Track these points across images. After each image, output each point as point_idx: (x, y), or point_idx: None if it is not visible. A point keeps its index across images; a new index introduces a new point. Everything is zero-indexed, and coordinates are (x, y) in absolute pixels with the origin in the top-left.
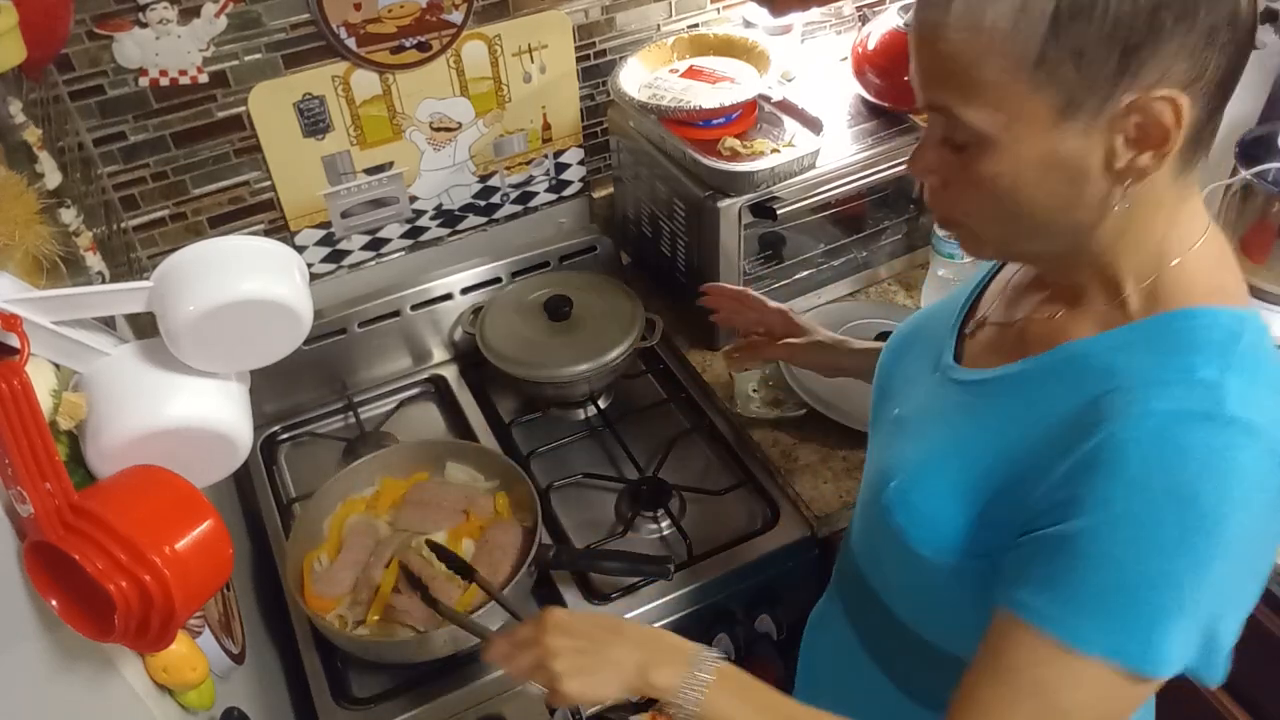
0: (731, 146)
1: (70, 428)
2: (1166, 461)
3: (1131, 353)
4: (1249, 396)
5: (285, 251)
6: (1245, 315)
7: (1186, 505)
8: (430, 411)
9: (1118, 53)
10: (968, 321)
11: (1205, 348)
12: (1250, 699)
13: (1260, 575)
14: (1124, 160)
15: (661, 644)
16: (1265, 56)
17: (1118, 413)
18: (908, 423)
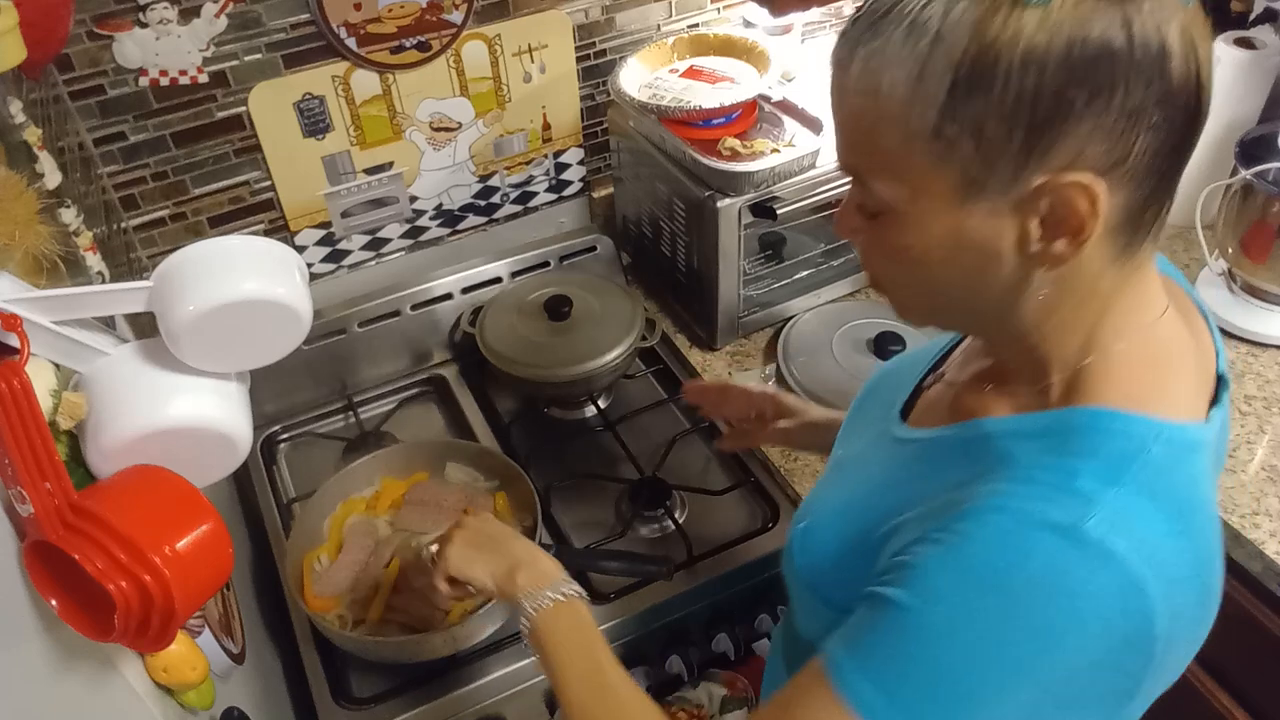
0: (731, 146)
1: (70, 428)
2: (1003, 563)
3: (1029, 444)
4: (1122, 520)
5: (285, 251)
6: (1165, 429)
7: (1006, 616)
8: (430, 411)
9: (1022, 131)
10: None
11: (1100, 456)
12: (1250, 699)
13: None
14: (1037, 245)
15: (538, 562)
16: (1265, 56)
17: (980, 500)
18: (841, 467)
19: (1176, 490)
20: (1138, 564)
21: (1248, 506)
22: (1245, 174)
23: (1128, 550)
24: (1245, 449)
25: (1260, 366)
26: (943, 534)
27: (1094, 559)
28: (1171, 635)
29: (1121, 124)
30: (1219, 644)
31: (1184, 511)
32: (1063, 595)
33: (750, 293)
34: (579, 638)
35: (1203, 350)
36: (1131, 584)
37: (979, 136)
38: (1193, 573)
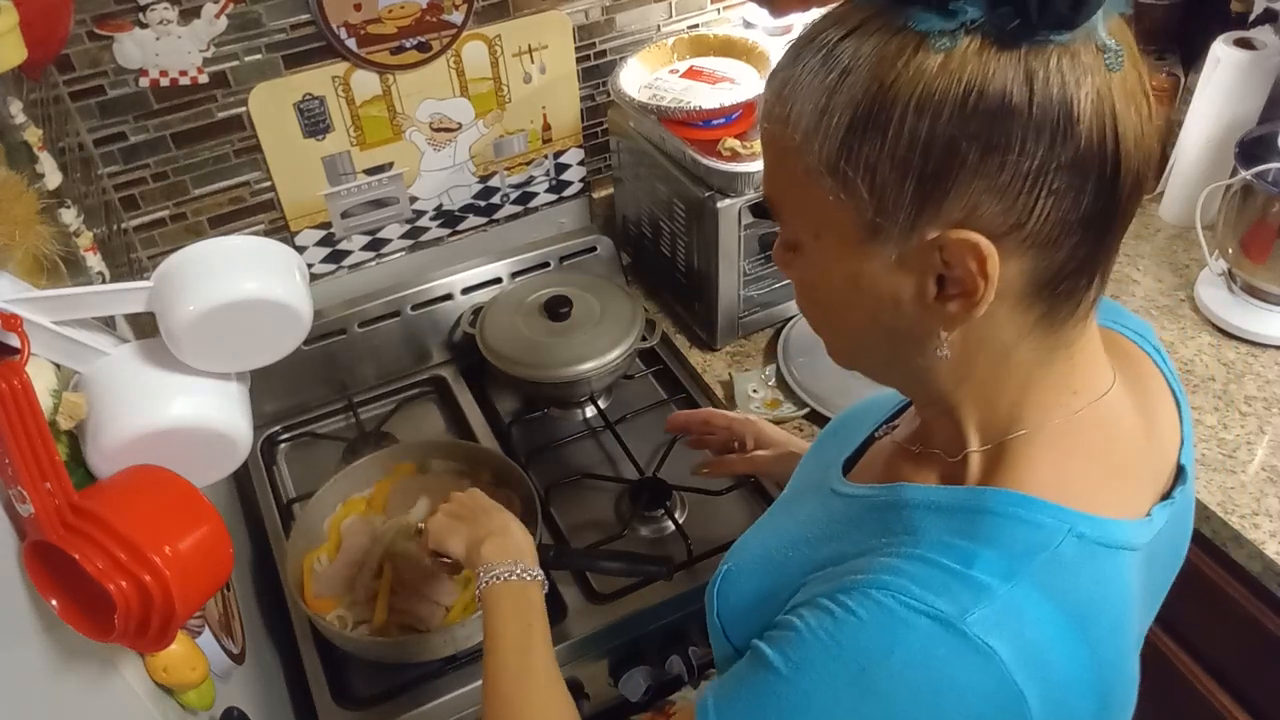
0: (731, 147)
1: (70, 428)
2: (873, 644)
3: (937, 520)
4: (1010, 618)
5: (285, 251)
6: (1082, 523)
7: (869, 697)
8: (430, 411)
9: (914, 179)
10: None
11: (1002, 545)
12: (1250, 699)
13: None
14: (931, 301)
15: (508, 536)
16: (1265, 56)
17: (871, 576)
18: (776, 511)
19: (1081, 592)
20: (1018, 667)
21: (1248, 506)
22: (1245, 174)
23: (1009, 653)
24: (1245, 449)
25: (1260, 366)
26: (829, 604)
27: (969, 655)
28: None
29: (1019, 185)
30: (1219, 644)
31: (1086, 615)
32: (928, 689)
33: (750, 293)
34: (518, 611)
35: (1159, 437)
36: (1006, 688)
37: (873, 180)
38: (1089, 680)
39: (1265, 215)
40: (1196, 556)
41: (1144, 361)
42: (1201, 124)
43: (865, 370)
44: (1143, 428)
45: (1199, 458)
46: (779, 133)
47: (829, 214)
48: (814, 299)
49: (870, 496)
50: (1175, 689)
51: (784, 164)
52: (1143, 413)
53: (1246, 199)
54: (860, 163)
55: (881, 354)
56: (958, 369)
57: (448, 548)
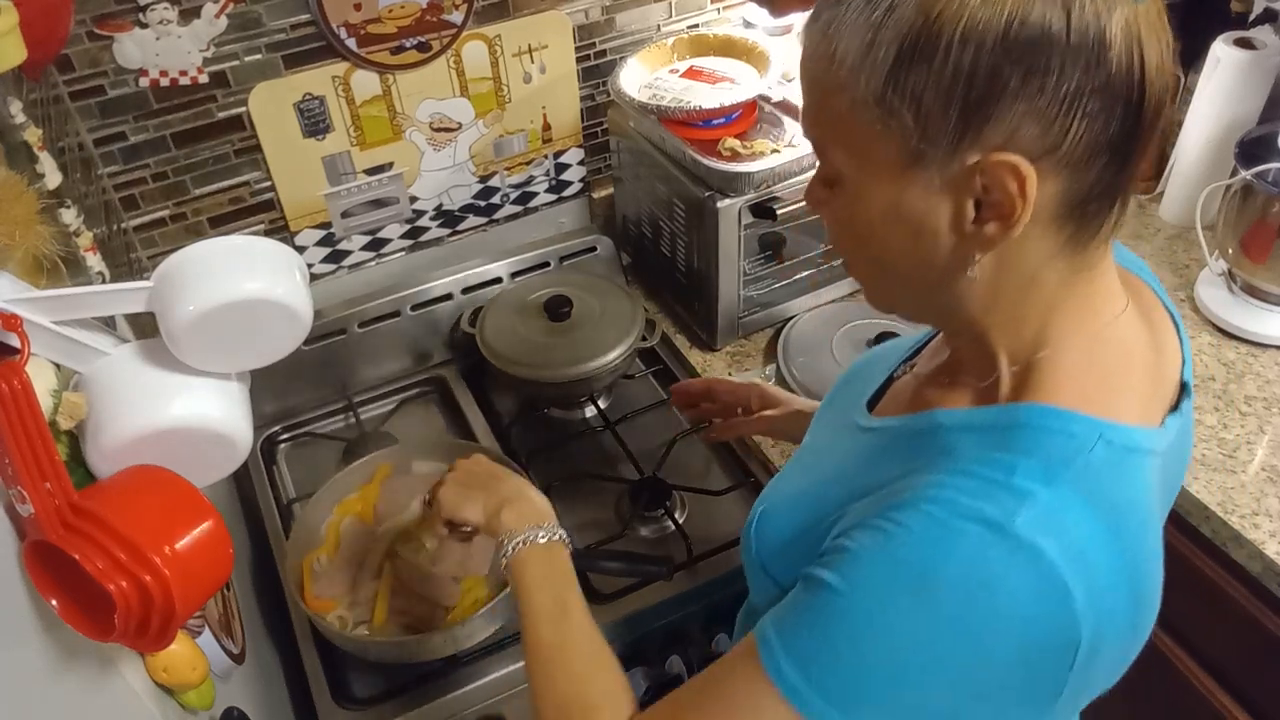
0: (731, 147)
1: (70, 428)
2: (928, 554)
3: (973, 438)
4: (1053, 520)
5: (285, 251)
6: (1109, 431)
7: (928, 606)
8: (430, 411)
9: (958, 106)
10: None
11: (1039, 454)
12: (1250, 699)
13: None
14: (970, 226)
15: (527, 500)
16: (1265, 56)
17: (918, 491)
18: (805, 454)
19: (1114, 494)
20: (1064, 566)
21: (1248, 506)
22: (1245, 174)
23: (1056, 551)
24: (1245, 449)
25: (1260, 366)
26: (879, 521)
27: (1020, 556)
28: (1098, 640)
29: (1055, 109)
30: (1219, 644)
31: (1119, 516)
32: (984, 591)
33: (750, 293)
34: (549, 578)
35: (1165, 356)
36: (1056, 585)
37: (918, 108)
38: (1124, 579)
39: (1265, 215)
40: (1196, 556)
41: (1144, 289)
42: (1201, 124)
43: (902, 308)
44: (1152, 345)
45: (1199, 458)
46: (823, 70)
47: (872, 144)
48: (853, 233)
49: (900, 426)
50: (1175, 689)
51: (828, 100)
52: (1150, 331)
53: (1246, 199)
54: (906, 93)
55: (918, 286)
56: (989, 293)
57: (464, 516)
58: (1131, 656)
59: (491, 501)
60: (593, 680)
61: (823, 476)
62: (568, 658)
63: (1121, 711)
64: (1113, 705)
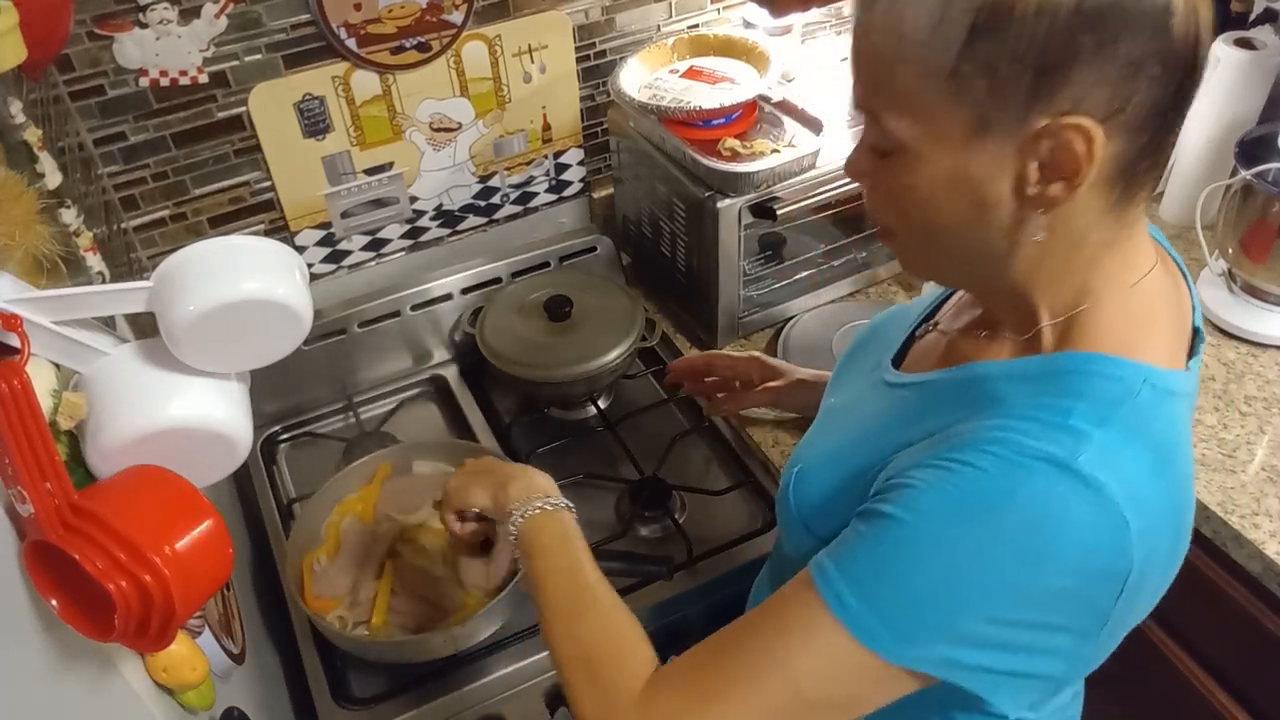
0: (731, 147)
1: (70, 428)
2: (997, 491)
3: (1023, 386)
4: (1112, 458)
5: (285, 251)
6: (1153, 374)
7: (996, 538)
8: (430, 411)
9: (1031, 74)
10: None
11: (1089, 397)
12: (1250, 699)
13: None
14: (1034, 187)
15: (530, 477)
16: (1265, 56)
17: (981, 434)
18: (833, 413)
19: (1159, 433)
20: (1123, 499)
21: (1248, 506)
22: (1245, 174)
23: (1116, 486)
24: (1245, 449)
25: (1260, 366)
26: (942, 461)
27: (1085, 492)
28: (1144, 571)
29: (1123, 73)
30: (1219, 644)
31: (1165, 453)
32: (1050, 523)
33: (750, 293)
34: (560, 539)
35: (1183, 305)
36: (1115, 519)
37: (992, 78)
38: (1169, 513)
39: (1265, 215)
40: (1196, 556)
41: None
42: (1201, 124)
43: (943, 274)
44: (1174, 296)
45: (1199, 458)
46: (889, 44)
47: (939, 114)
48: (907, 201)
49: (938, 380)
50: (1175, 689)
51: (892, 73)
52: (1173, 282)
53: (1246, 199)
54: (979, 64)
55: (966, 249)
56: (1037, 254)
57: (471, 501)
58: (1164, 589)
59: (496, 482)
60: (615, 629)
61: (858, 432)
62: (585, 612)
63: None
64: (1113, 705)
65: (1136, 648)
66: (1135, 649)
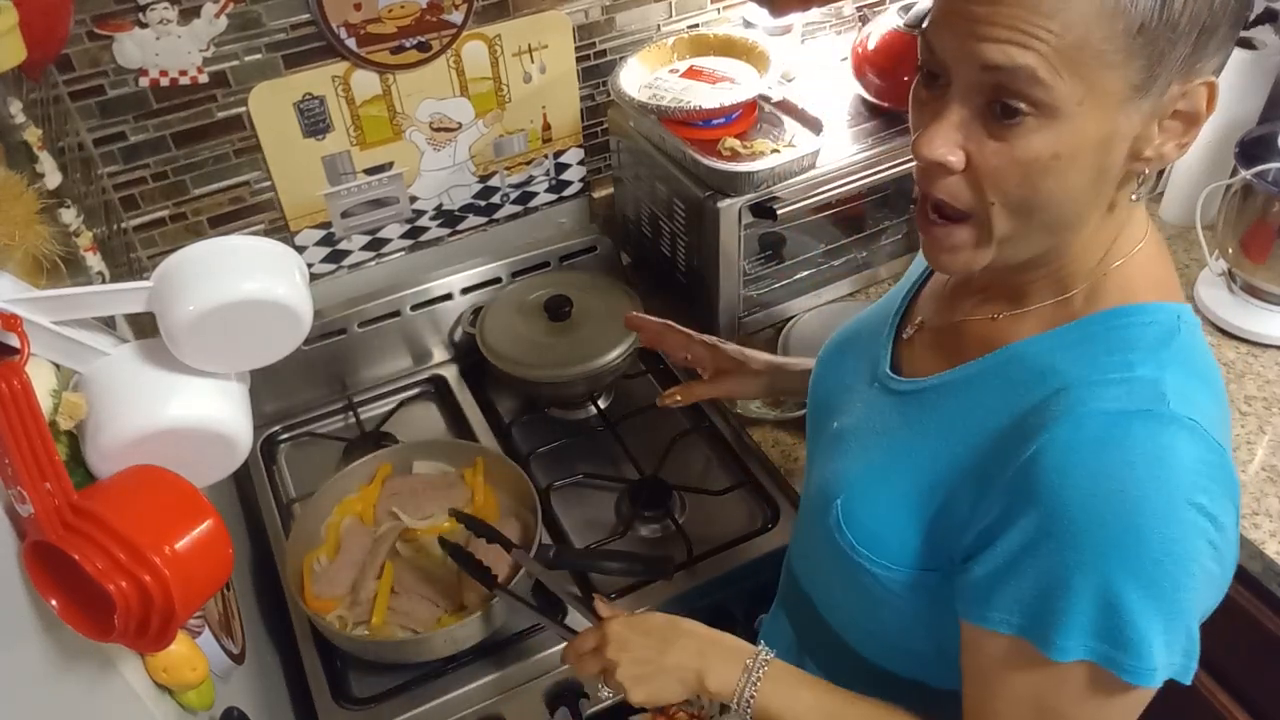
0: (731, 147)
1: (70, 428)
2: (1111, 465)
3: (1071, 351)
4: (1186, 393)
5: (285, 251)
6: (1181, 310)
7: (1135, 508)
8: (430, 411)
9: (1196, 34)
10: (904, 327)
11: (1141, 345)
12: (1250, 699)
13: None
14: (1153, 148)
15: (718, 648)
16: (1265, 56)
17: (1060, 415)
18: (847, 436)
19: (1204, 361)
20: (1211, 427)
21: (1248, 506)
22: (1245, 174)
23: (1202, 417)
24: (1245, 449)
25: (1260, 366)
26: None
27: (1184, 432)
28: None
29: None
30: (1219, 644)
31: (1213, 379)
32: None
33: (750, 293)
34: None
35: None
36: (1212, 447)
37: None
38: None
39: (1265, 215)
40: None
41: None
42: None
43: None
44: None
45: None
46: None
47: (1106, 73)
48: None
49: (974, 372)
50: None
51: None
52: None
53: (1246, 199)
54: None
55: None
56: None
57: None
58: None
59: (686, 676)
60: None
61: (892, 449)
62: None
63: None
64: None
65: None
66: None
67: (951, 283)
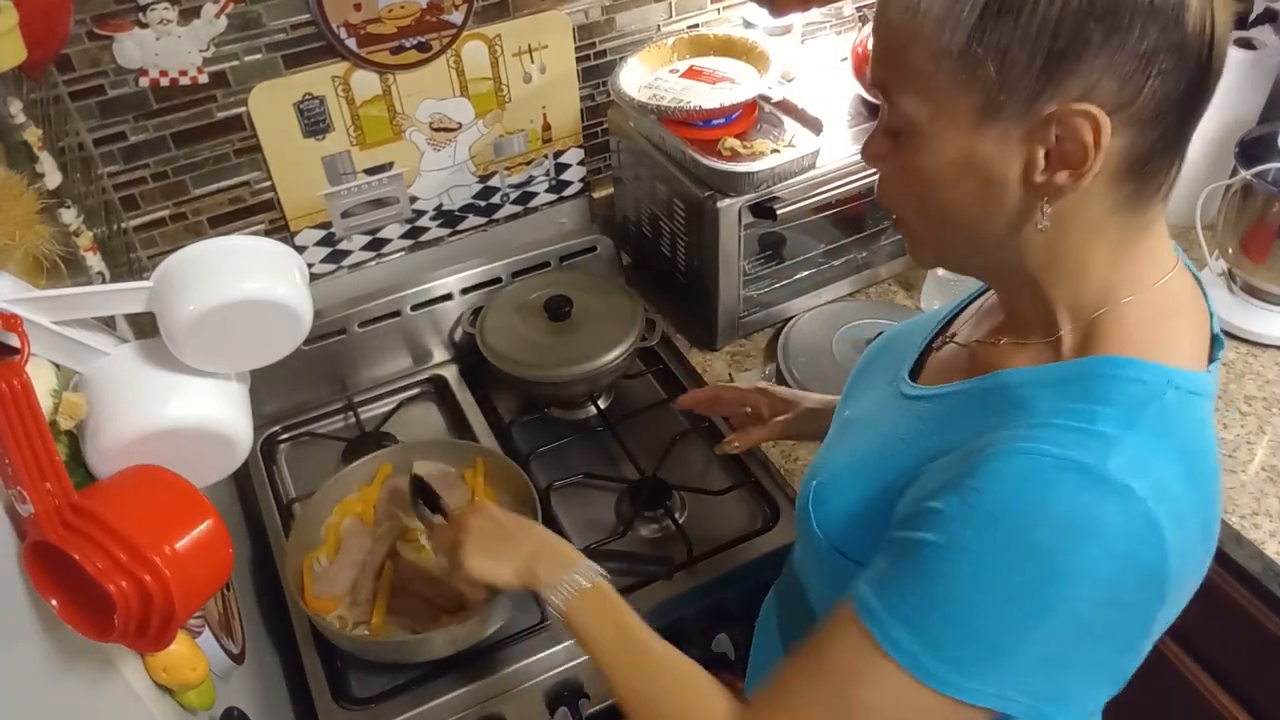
0: (731, 147)
1: (70, 428)
2: (1026, 505)
3: (1046, 390)
4: (1141, 461)
5: (285, 251)
6: (1178, 376)
7: (1031, 554)
8: (430, 411)
9: (1041, 58)
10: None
11: (1116, 401)
12: (1250, 699)
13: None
14: (1041, 175)
15: (556, 547)
16: (1265, 56)
17: (1003, 444)
18: (850, 426)
19: (1185, 435)
20: (1154, 503)
21: (1248, 506)
22: (1245, 174)
23: (1146, 490)
24: (1245, 449)
25: (1260, 366)
26: (969, 479)
27: (1116, 498)
28: (1180, 575)
29: (1133, 64)
30: (1219, 644)
31: (1193, 454)
32: (1086, 534)
33: (750, 293)
34: (605, 615)
35: (1201, 309)
36: (1149, 523)
37: (1002, 60)
38: (1197, 513)
39: (1265, 215)
40: None
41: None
42: (1201, 124)
43: (952, 260)
44: (1195, 297)
45: None
46: (905, 22)
47: (950, 95)
48: (917, 186)
49: (965, 390)
50: (1175, 689)
51: (907, 51)
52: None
53: (1246, 199)
54: (991, 45)
55: (977, 238)
56: (1051, 246)
57: (493, 579)
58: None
59: (520, 560)
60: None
61: (879, 445)
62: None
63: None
64: (1112, 705)
65: None
66: None
67: (987, 304)
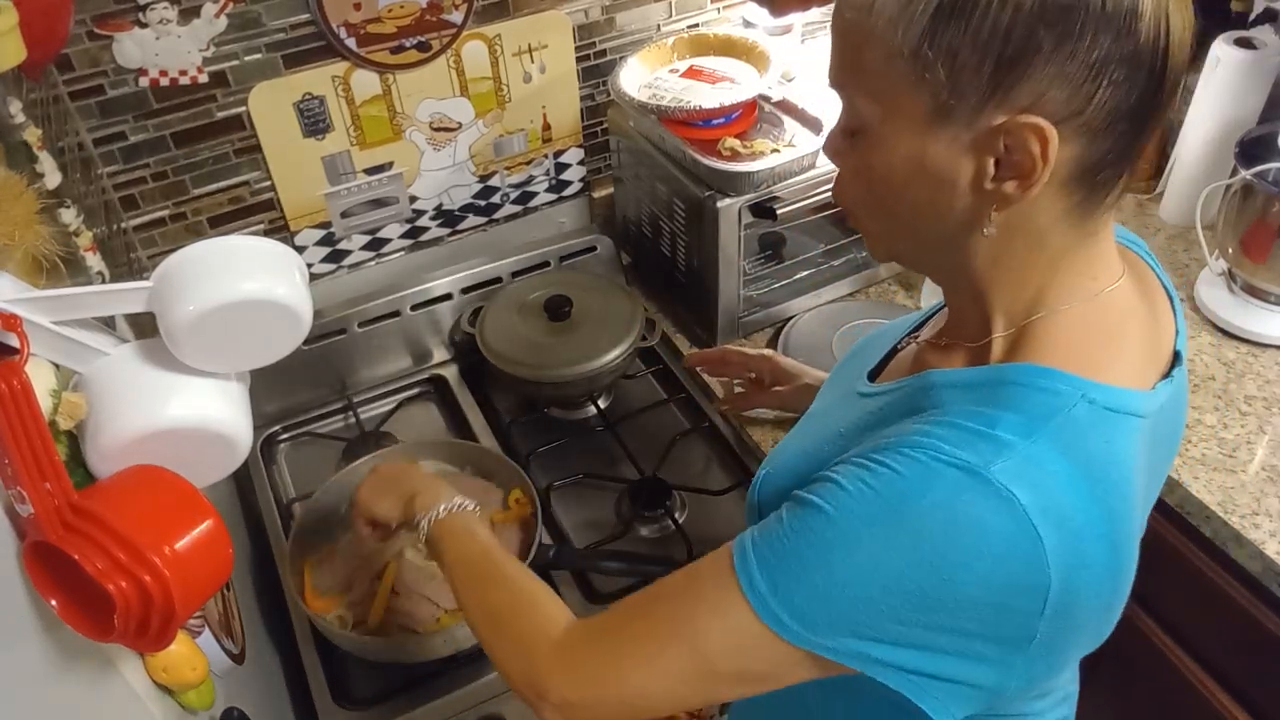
0: (731, 146)
1: (70, 428)
2: (905, 494)
3: (962, 394)
4: (1029, 470)
5: (285, 251)
6: (1094, 390)
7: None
8: (430, 411)
9: (990, 65)
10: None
11: (1022, 409)
12: (1250, 699)
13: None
14: (990, 183)
15: (436, 488)
16: (1265, 56)
17: (903, 438)
18: (810, 419)
19: (1093, 449)
20: (1037, 513)
21: (1248, 506)
22: (1245, 174)
23: (1029, 499)
24: (1245, 449)
25: (1260, 366)
26: (864, 460)
27: (993, 500)
28: (1073, 588)
29: (1084, 73)
30: (1219, 644)
31: (1098, 470)
32: (955, 529)
33: (750, 293)
34: (466, 533)
35: (1160, 325)
36: (1026, 531)
37: (952, 64)
38: (1101, 529)
39: (1265, 215)
40: (1196, 557)
41: (1140, 264)
42: (1201, 124)
43: (903, 257)
44: (1149, 315)
45: (1199, 457)
46: (859, 20)
47: (901, 97)
48: (869, 184)
49: (898, 388)
50: (1175, 689)
51: (860, 50)
52: (1146, 301)
53: (1246, 199)
54: (942, 47)
55: (925, 238)
56: (995, 250)
57: (380, 514)
58: (1115, 610)
59: (404, 494)
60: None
61: (824, 438)
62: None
63: (1122, 711)
64: (1112, 704)
65: (1136, 647)
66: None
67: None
